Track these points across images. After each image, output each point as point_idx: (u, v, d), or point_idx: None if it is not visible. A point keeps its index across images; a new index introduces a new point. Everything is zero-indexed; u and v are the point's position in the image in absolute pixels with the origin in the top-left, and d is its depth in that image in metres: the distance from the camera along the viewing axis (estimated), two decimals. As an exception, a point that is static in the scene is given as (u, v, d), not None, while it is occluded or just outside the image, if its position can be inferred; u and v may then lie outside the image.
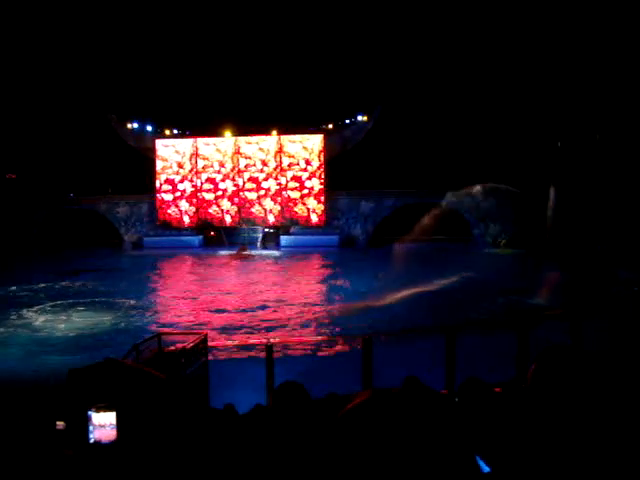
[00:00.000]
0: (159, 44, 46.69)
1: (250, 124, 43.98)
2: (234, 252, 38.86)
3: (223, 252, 40.06)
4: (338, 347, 14.76)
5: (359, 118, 47.15)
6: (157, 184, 45.65)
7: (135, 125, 48.45)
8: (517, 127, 41.08)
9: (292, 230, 44.35)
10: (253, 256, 38.32)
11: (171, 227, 45.45)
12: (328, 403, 5.39)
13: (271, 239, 43.93)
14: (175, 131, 47.64)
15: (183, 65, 46.89)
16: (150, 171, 45.66)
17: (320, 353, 14.58)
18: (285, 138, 44.50)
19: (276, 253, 40.45)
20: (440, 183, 39.95)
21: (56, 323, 19.84)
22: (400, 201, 42.71)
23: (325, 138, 44.58)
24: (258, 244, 42.88)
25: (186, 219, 45.48)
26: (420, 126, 43.66)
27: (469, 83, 43.27)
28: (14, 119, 44.41)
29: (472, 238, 41.93)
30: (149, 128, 48.43)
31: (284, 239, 43.50)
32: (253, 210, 44.83)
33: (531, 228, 36.71)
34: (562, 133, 38.81)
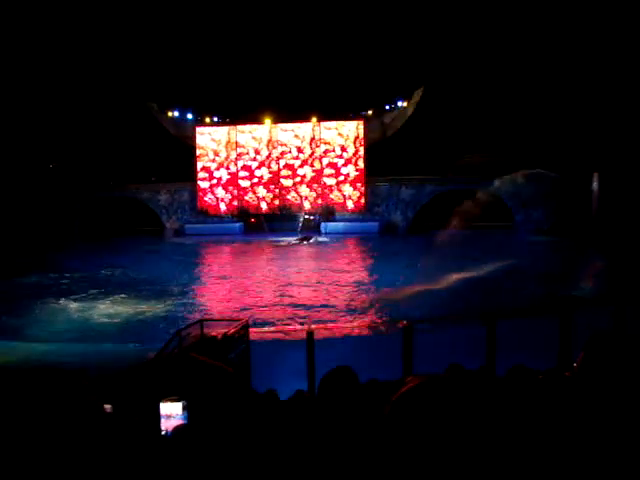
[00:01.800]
0: (199, 32, 46.93)
1: (288, 111, 43.93)
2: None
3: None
4: (378, 332, 14.75)
5: (399, 104, 46.71)
6: (196, 172, 46.08)
7: (176, 113, 48.91)
8: (559, 112, 40.20)
9: (332, 217, 44.33)
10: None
11: (208, 214, 45.84)
12: (370, 389, 5.39)
13: (312, 226, 43.90)
14: (215, 119, 47.88)
15: (223, 52, 47.06)
16: (190, 159, 46.08)
17: (360, 339, 14.59)
18: (321, 125, 44.36)
19: (324, 239, 40.45)
20: (480, 170, 39.43)
21: (97, 310, 20.18)
22: (440, 188, 42.21)
23: (364, 124, 44.29)
24: (298, 231, 42.91)
25: (222, 206, 45.81)
26: (460, 112, 43.04)
27: (510, 68, 42.43)
28: (57, 109, 45.20)
29: (514, 225, 41.30)
30: (189, 116, 48.84)
31: (324, 226, 43.47)
32: (289, 197, 44.91)
33: (575, 215, 36.02)
34: (604, 117, 37.83)
